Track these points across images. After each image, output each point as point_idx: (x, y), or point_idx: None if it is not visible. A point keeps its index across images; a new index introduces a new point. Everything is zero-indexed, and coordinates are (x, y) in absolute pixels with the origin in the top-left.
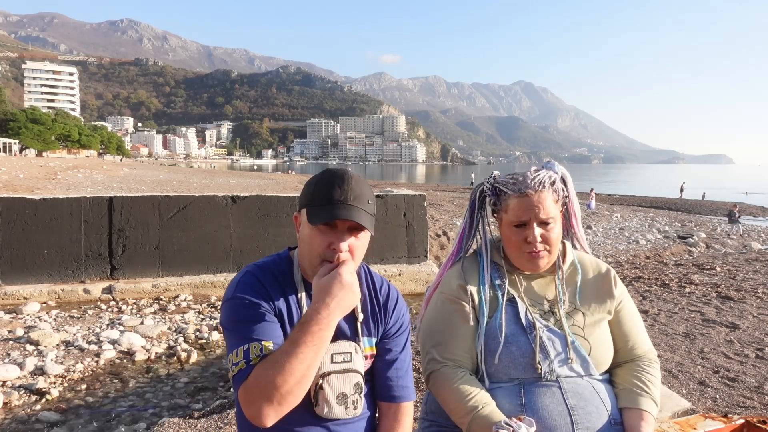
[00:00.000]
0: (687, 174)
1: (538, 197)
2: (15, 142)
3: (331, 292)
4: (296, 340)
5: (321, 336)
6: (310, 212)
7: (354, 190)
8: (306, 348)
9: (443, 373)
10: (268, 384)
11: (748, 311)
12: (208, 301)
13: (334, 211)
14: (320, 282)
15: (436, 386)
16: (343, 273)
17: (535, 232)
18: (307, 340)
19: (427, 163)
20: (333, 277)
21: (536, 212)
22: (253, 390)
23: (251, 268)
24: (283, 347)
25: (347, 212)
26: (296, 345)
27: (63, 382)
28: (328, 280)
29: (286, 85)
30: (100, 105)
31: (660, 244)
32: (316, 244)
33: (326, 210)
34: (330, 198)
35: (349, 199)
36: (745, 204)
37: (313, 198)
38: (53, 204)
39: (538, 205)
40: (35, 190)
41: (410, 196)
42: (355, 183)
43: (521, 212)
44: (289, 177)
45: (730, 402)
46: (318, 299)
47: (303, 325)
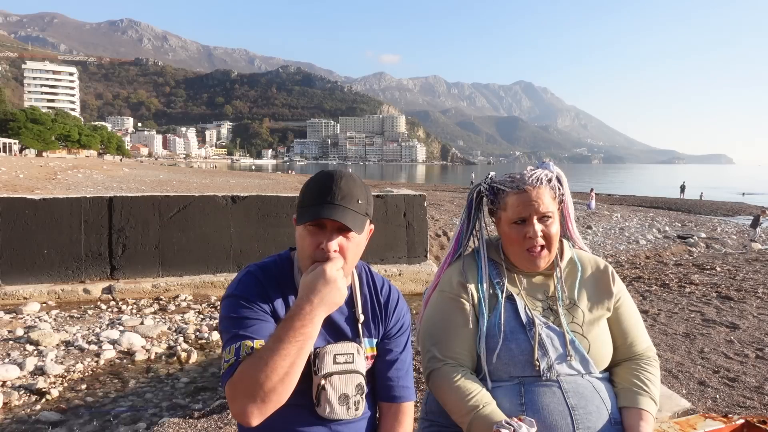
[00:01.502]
0: (687, 174)
1: (536, 193)
2: (15, 142)
3: (315, 288)
4: (279, 336)
5: (304, 332)
6: (298, 213)
7: (342, 190)
8: (289, 345)
9: (443, 371)
10: (252, 381)
11: (748, 311)
12: (208, 301)
13: (319, 211)
14: (305, 279)
15: (436, 385)
16: (327, 269)
17: (535, 227)
18: (290, 336)
19: (427, 163)
20: (317, 273)
21: (536, 207)
22: (238, 387)
23: (252, 268)
24: (267, 344)
25: (331, 212)
26: (279, 341)
27: (63, 382)
28: (312, 276)
29: (286, 85)
30: (100, 105)
31: (660, 244)
32: (306, 245)
33: (312, 210)
34: (317, 198)
35: (336, 199)
36: (744, 204)
37: (303, 199)
38: (53, 204)
39: (537, 200)
40: (35, 190)
41: (410, 196)
42: (345, 183)
43: (521, 208)
44: (289, 177)
45: (730, 402)
46: (302, 295)
47: (286, 321)
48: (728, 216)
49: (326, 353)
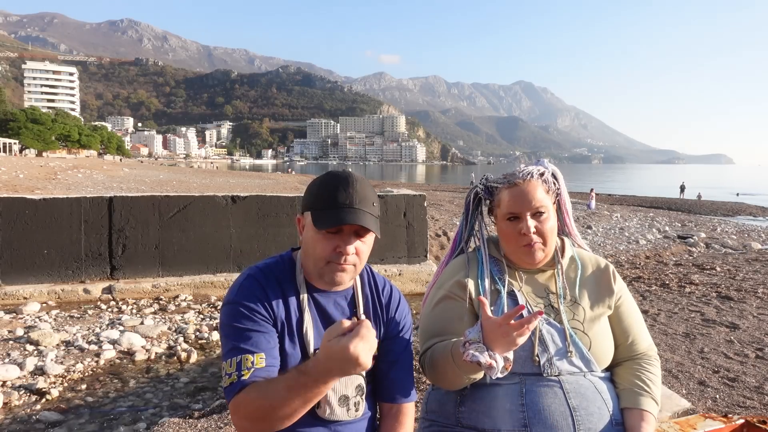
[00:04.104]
0: (687, 174)
1: (527, 186)
2: (15, 142)
3: (335, 360)
4: (291, 386)
5: (315, 392)
6: (316, 216)
7: (359, 193)
8: (298, 398)
9: (437, 345)
10: (257, 411)
11: (748, 311)
12: (208, 301)
13: (340, 215)
14: (329, 347)
15: (430, 361)
16: (351, 347)
17: (528, 223)
18: (301, 392)
19: (427, 163)
20: (342, 348)
21: (528, 202)
22: (242, 411)
23: (253, 272)
24: (278, 387)
25: (354, 216)
26: (288, 390)
27: (63, 382)
28: (337, 350)
29: (286, 85)
30: (100, 105)
31: (660, 244)
32: (322, 248)
33: (332, 214)
34: (335, 202)
35: (355, 203)
36: (744, 204)
37: (318, 201)
38: (53, 204)
39: (529, 194)
40: (35, 190)
41: (410, 196)
42: (360, 186)
43: (512, 203)
44: (289, 177)
45: (730, 402)
46: (321, 363)
47: (299, 376)
48: (728, 216)
49: None
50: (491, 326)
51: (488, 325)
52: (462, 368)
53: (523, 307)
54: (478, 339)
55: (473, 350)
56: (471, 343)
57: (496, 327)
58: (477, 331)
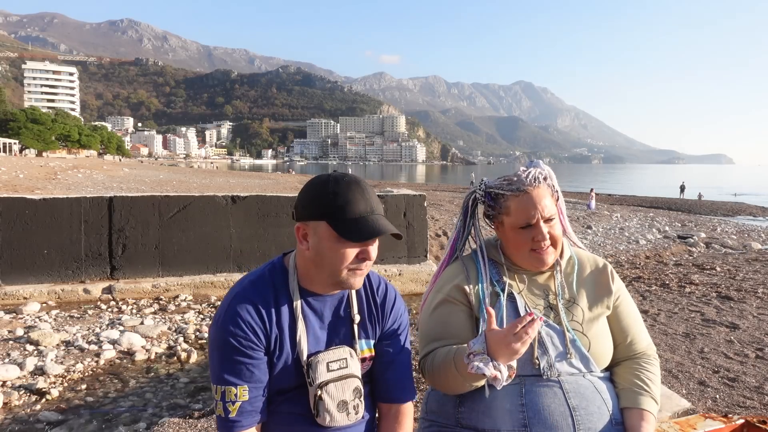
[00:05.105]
0: (687, 174)
1: (537, 193)
2: (15, 142)
3: None
4: None
5: None
6: (343, 228)
7: (374, 199)
8: None
9: (438, 351)
10: None
11: (748, 311)
12: (208, 301)
13: (373, 225)
14: None
15: (431, 367)
16: None
17: (543, 230)
18: None
19: (427, 163)
20: None
21: (541, 210)
22: None
23: (242, 290)
24: None
25: (384, 224)
26: None
27: (63, 382)
28: None
29: (286, 85)
30: (100, 105)
31: (660, 244)
32: (346, 257)
33: (363, 224)
34: (359, 211)
35: (375, 209)
36: (744, 204)
37: (338, 211)
38: (53, 204)
39: (540, 202)
40: (35, 190)
41: (410, 196)
42: (370, 189)
43: (526, 212)
44: (289, 177)
45: (730, 402)
46: None
47: None
48: (728, 216)
49: (318, 362)
50: (496, 338)
51: (492, 336)
52: (466, 378)
53: (532, 315)
54: (482, 350)
55: (477, 362)
56: (475, 355)
57: (501, 338)
58: (481, 342)
